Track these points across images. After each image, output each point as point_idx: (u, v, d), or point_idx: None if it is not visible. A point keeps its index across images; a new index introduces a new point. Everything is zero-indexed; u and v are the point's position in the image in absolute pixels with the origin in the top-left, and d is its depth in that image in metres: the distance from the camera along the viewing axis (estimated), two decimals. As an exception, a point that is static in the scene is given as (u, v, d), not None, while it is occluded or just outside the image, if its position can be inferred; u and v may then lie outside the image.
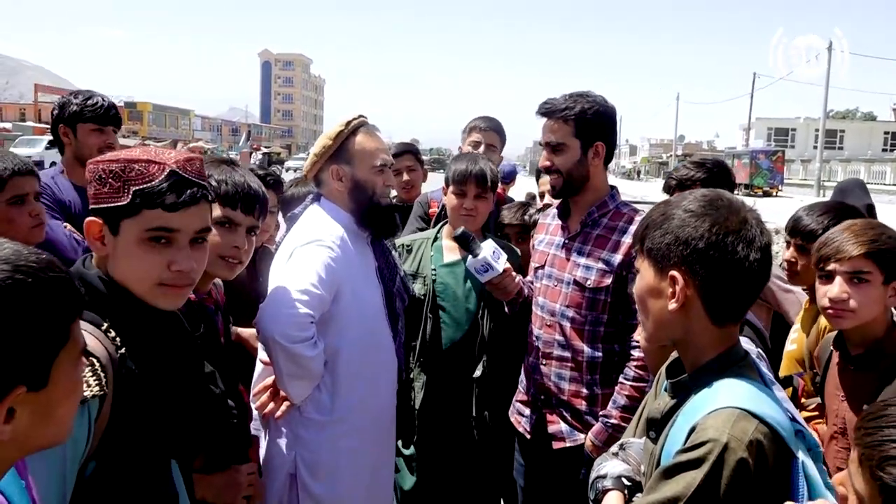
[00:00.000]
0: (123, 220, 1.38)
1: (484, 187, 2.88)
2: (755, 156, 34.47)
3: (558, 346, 2.51)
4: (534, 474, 2.66)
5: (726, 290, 1.36)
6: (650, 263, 1.42)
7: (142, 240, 1.39)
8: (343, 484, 2.38)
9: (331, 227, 2.39)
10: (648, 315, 1.45)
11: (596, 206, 2.51)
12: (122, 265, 1.40)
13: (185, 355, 1.54)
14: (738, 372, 1.37)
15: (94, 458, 1.29)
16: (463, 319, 2.89)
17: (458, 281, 2.91)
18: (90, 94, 3.10)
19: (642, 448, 1.58)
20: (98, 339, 1.31)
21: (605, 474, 1.57)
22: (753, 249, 1.35)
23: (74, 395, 1.04)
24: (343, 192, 2.42)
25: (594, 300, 2.44)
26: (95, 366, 1.26)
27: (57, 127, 3.07)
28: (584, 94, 2.47)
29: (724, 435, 1.23)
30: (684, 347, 1.44)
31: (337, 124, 2.45)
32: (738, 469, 1.22)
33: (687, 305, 1.37)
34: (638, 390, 2.33)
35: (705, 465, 1.23)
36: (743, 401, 1.28)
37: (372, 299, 2.44)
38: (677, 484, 1.25)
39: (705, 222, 1.35)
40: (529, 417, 2.62)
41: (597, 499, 1.56)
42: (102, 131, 3.03)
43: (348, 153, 2.40)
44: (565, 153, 2.46)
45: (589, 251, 2.47)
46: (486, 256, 2.51)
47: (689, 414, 1.34)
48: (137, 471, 1.35)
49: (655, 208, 1.46)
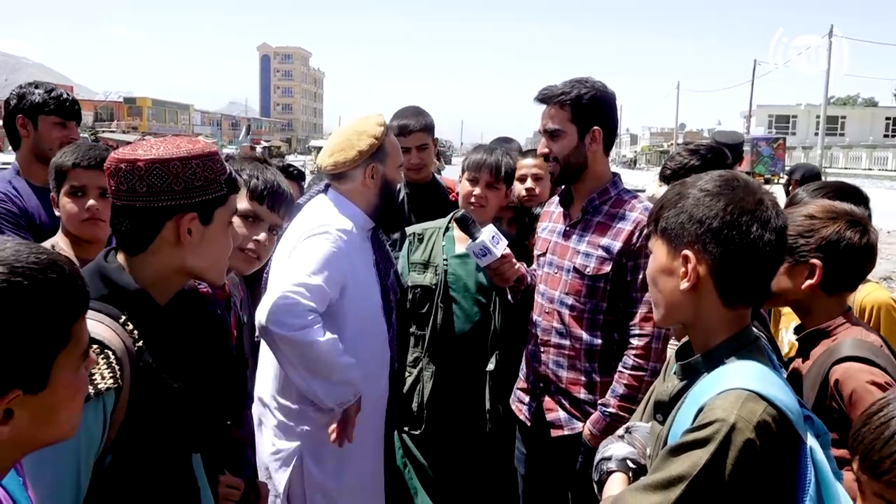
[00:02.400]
0: (217, 208, 1.45)
1: (497, 178, 2.94)
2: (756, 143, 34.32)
3: (557, 333, 2.51)
4: (534, 462, 2.66)
5: (739, 271, 1.35)
6: (664, 242, 1.42)
7: (227, 224, 1.50)
8: (347, 471, 2.41)
9: (338, 219, 2.40)
10: (660, 295, 1.45)
11: (597, 193, 2.50)
12: (208, 252, 1.46)
13: (209, 348, 1.55)
14: (749, 355, 1.37)
15: (111, 450, 1.30)
16: (474, 311, 2.88)
17: (469, 272, 2.90)
18: (52, 87, 2.93)
19: (649, 432, 1.58)
20: (115, 332, 1.31)
21: (610, 456, 1.57)
22: (768, 230, 1.34)
23: (77, 396, 1.03)
24: (370, 190, 2.47)
25: (593, 287, 2.43)
26: (111, 358, 1.26)
27: (14, 118, 2.83)
28: (582, 80, 2.46)
29: (731, 415, 1.22)
30: (694, 329, 1.43)
31: (372, 123, 2.48)
32: (745, 450, 1.21)
33: (699, 286, 1.37)
34: (636, 379, 2.33)
35: (712, 444, 1.22)
36: (752, 382, 1.28)
37: (372, 293, 2.48)
38: (683, 463, 1.25)
39: (720, 201, 1.35)
40: (529, 405, 2.62)
41: (601, 480, 1.56)
42: (65, 125, 2.86)
43: (384, 153, 2.48)
44: (562, 139, 2.44)
45: (589, 238, 2.46)
46: (483, 240, 2.50)
47: (698, 395, 1.34)
48: (156, 463, 1.36)
49: (671, 189, 1.46)
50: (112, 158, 1.40)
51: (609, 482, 1.53)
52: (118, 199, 1.40)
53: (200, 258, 1.45)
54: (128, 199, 1.38)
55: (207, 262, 1.47)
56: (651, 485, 1.29)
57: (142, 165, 1.37)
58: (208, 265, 1.48)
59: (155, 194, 1.37)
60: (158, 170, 1.37)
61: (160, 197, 1.38)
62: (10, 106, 2.85)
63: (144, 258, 1.42)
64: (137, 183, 1.37)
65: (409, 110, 3.45)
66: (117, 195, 1.40)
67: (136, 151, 1.39)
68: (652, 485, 1.29)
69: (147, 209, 1.38)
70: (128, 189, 1.38)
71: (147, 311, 1.39)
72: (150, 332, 1.37)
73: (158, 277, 1.43)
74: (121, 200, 1.40)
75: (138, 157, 1.38)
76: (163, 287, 1.45)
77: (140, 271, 1.42)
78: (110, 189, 1.41)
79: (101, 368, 1.23)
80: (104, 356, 1.25)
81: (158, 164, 1.37)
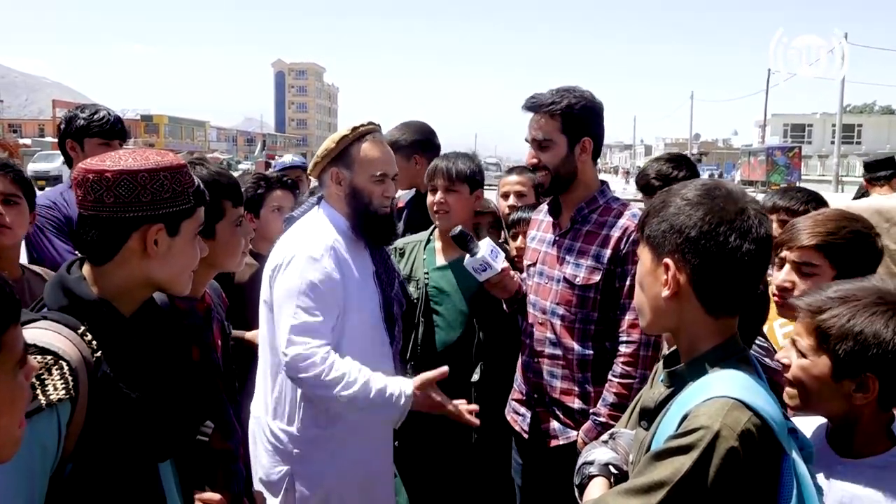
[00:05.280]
0: (184, 220, 1.46)
1: (452, 181, 2.87)
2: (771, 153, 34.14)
3: (549, 343, 2.49)
4: (531, 473, 2.64)
5: (718, 281, 1.34)
6: (649, 250, 1.42)
7: (194, 236, 1.51)
8: (342, 496, 2.37)
9: (323, 236, 2.36)
10: (646, 301, 1.45)
11: (585, 202, 2.49)
12: (174, 263, 1.47)
13: (168, 358, 1.54)
14: (736, 364, 1.36)
15: (71, 459, 1.29)
16: (457, 322, 2.87)
17: (451, 284, 2.88)
18: (96, 109, 3.15)
19: (631, 438, 1.58)
20: (72, 342, 1.30)
21: (593, 461, 1.57)
22: (748, 240, 1.32)
23: (16, 405, 1.01)
24: (340, 197, 2.42)
25: (584, 298, 2.41)
26: (64, 369, 1.25)
27: (64, 142, 3.13)
28: (570, 89, 2.45)
29: (716, 423, 1.22)
30: (679, 336, 1.43)
31: (345, 128, 2.46)
32: (728, 458, 1.20)
33: (680, 294, 1.37)
34: (626, 387, 2.31)
35: (695, 451, 1.22)
36: (738, 391, 1.27)
37: (369, 306, 2.42)
38: (665, 468, 1.24)
39: (699, 211, 1.34)
40: (525, 416, 2.60)
41: (582, 484, 1.56)
42: (109, 145, 3.06)
43: (350, 158, 2.40)
44: (552, 149, 2.43)
45: (579, 248, 2.44)
46: (484, 255, 2.47)
47: (683, 402, 1.34)
48: (118, 472, 1.35)
49: (658, 196, 1.46)
50: (80, 169, 1.41)
51: (590, 486, 1.53)
52: (84, 210, 1.41)
53: (166, 269, 1.46)
54: (94, 209, 1.39)
55: (172, 274, 1.48)
56: (632, 489, 1.28)
57: (109, 176, 1.37)
58: (173, 276, 1.49)
59: (122, 205, 1.38)
60: (126, 181, 1.38)
61: (127, 208, 1.38)
62: (61, 130, 3.16)
63: (110, 268, 1.42)
64: (105, 193, 1.37)
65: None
66: (83, 205, 1.40)
67: (105, 162, 1.40)
68: (633, 489, 1.28)
69: (114, 219, 1.39)
70: (95, 199, 1.38)
71: (108, 321, 1.39)
72: (110, 343, 1.37)
73: (123, 288, 1.44)
74: (87, 210, 1.40)
75: (106, 167, 1.38)
76: (128, 298, 1.45)
77: (104, 282, 1.42)
78: (77, 199, 1.42)
79: (54, 379, 1.22)
80: (58, 367, 1.24)
81: (127, 175, 1.38)
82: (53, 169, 30.46)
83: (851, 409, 1.49)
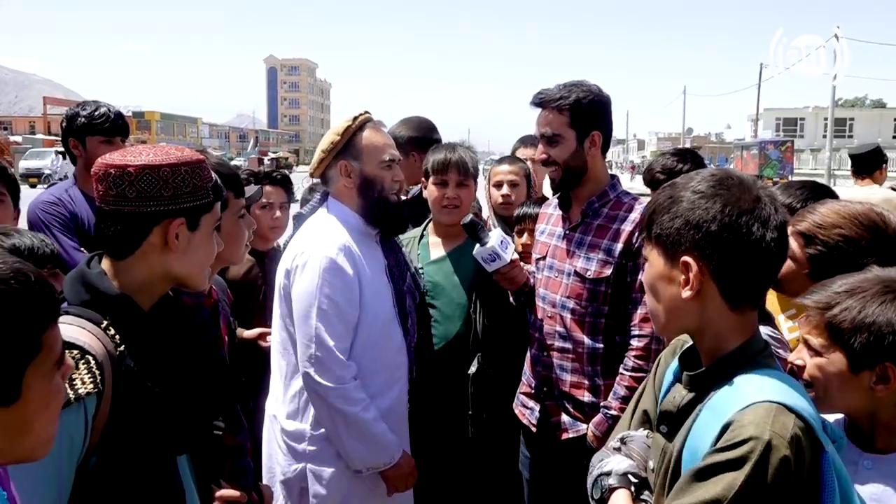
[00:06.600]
0: (203, 215, 1.47)
1: (466, 175, 2.86)
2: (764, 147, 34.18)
3: (559, 337, 2.49)
4: (539, 466, 2.65)
5: (743, 274, 1.28)
6: (660, 251, 1.34)
7: (212, 230, 1.52)
8: (357, 492, 2.37)
9: (336, 236, 2.34)
10: (660, 304, 1.37)
11: (596, 196, 2.49)
12: (193, 258, 1.47)
13: (186, 352, 1.54)
14: (763, 363, 1.31)
15: (95, 452, 1.30)
16: (455, 315, 2.86)
17: (447, 277, 2.88)
18: (97, 106, 3.15)
19: (644, 442, 1.51)
20: (96, 337, 1.31)
21: (610, 471, 1.48)
22: (769, 229, 1.27)
23: (52, 406, 1.01)
24: (351, 189, 2.40)
25: (595, 291, 2.41)
26: (91, 363, 1.26)
27: (67, 140, 3.15)
28: (578, 84, 2.45)
29: (765, 432, 1.15)
30: (701, 336, 1.36)
31: (343, 120, 2.43)
32: (781, 467, 1.14)
33: (702, 292, 1.30)
34: (637, 380, 2.30)
35: (747, 465, 1.15)
36: (777, 394, 1.22)
37: (382, 300, 2.41)
38: (716, 486, 1.16)
39: (717, 203, 1.27)
40: (533, 409, 2.60)
41: (602, 498, 1.47)
42: (111, 142, 3.08)
43: (356, 148, 2.38)
44: (561, 144, 2.43)
45: (590, 242, 2.45)
46: (494, 245, 2.44)
47: (717, 409, 1.26)
48: (140, 465, 1.36)
49: (661, 192, 1.38)
50: (100, 164, 1.41)
51: (612, 500, 1.45)
52: (105, 204, 1.41)
53: (185, 264, 1.47)
54: (116, 203, 1.39)
55: (192, 268, 1.49)
56: None
57: (132, 171, 1.38)
58: (192, 271, 1.50)
59: (145, 199, 1.39)
60: (149, 175, 1.39)
61: (150, 202, 1.39)
62: (63, 128, 3.18)
63: (130, 263, 1.43)
64: (127, 188, 1.38)
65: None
66: (105, 200, 1.41)
67: (126, 157, 1.40)
68: None
69: (136, 214, 1.39)
70: (117, 194, 1.39)
71: (130, 315, 1.40)
72: (132, 337, 1.38)
73: (143, 283, 1.44)
74: (108, 205, 1.40)
75: (129, 162, 1.39)
76: (147, 292, 1.46)
77: (125, 276, 1.43)
78: (98, 194, 1.42)
79: (81, 374, 1.23)
80: (85, 361, 1.25)
81: (149, 170, 1.39)
82: (44, 166, 30.34)
83: (873, 403, 1.47)
